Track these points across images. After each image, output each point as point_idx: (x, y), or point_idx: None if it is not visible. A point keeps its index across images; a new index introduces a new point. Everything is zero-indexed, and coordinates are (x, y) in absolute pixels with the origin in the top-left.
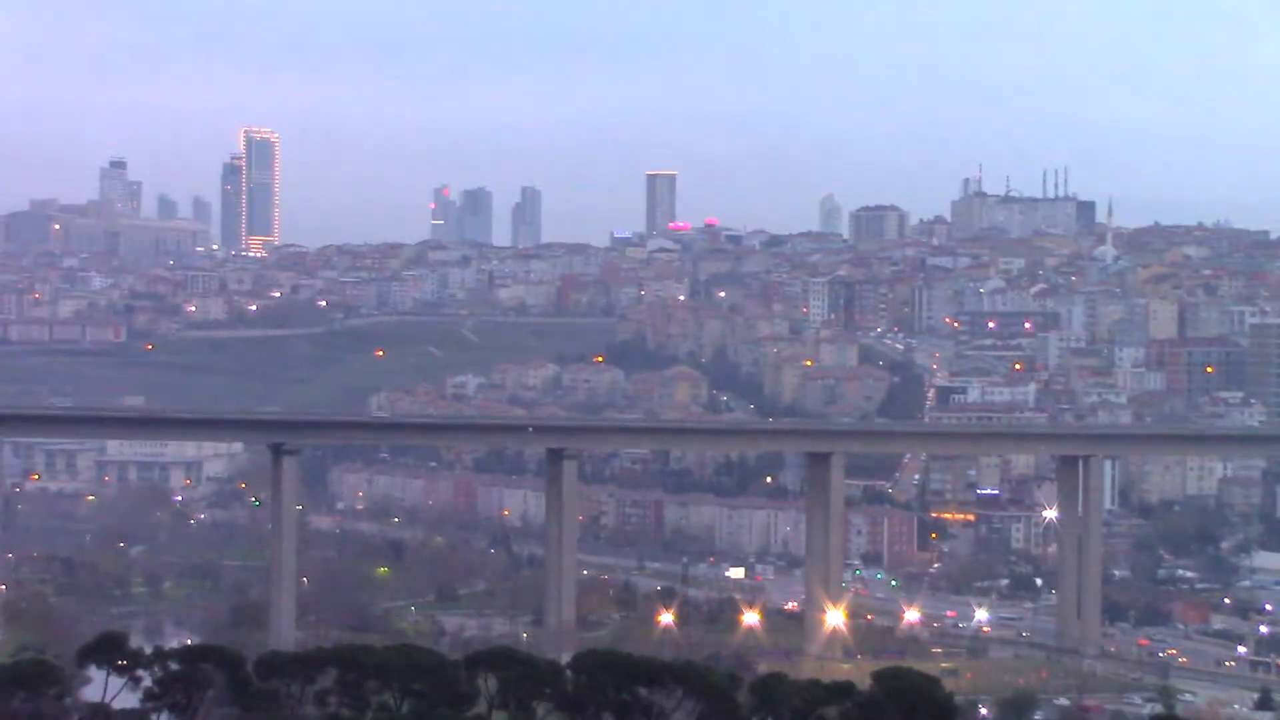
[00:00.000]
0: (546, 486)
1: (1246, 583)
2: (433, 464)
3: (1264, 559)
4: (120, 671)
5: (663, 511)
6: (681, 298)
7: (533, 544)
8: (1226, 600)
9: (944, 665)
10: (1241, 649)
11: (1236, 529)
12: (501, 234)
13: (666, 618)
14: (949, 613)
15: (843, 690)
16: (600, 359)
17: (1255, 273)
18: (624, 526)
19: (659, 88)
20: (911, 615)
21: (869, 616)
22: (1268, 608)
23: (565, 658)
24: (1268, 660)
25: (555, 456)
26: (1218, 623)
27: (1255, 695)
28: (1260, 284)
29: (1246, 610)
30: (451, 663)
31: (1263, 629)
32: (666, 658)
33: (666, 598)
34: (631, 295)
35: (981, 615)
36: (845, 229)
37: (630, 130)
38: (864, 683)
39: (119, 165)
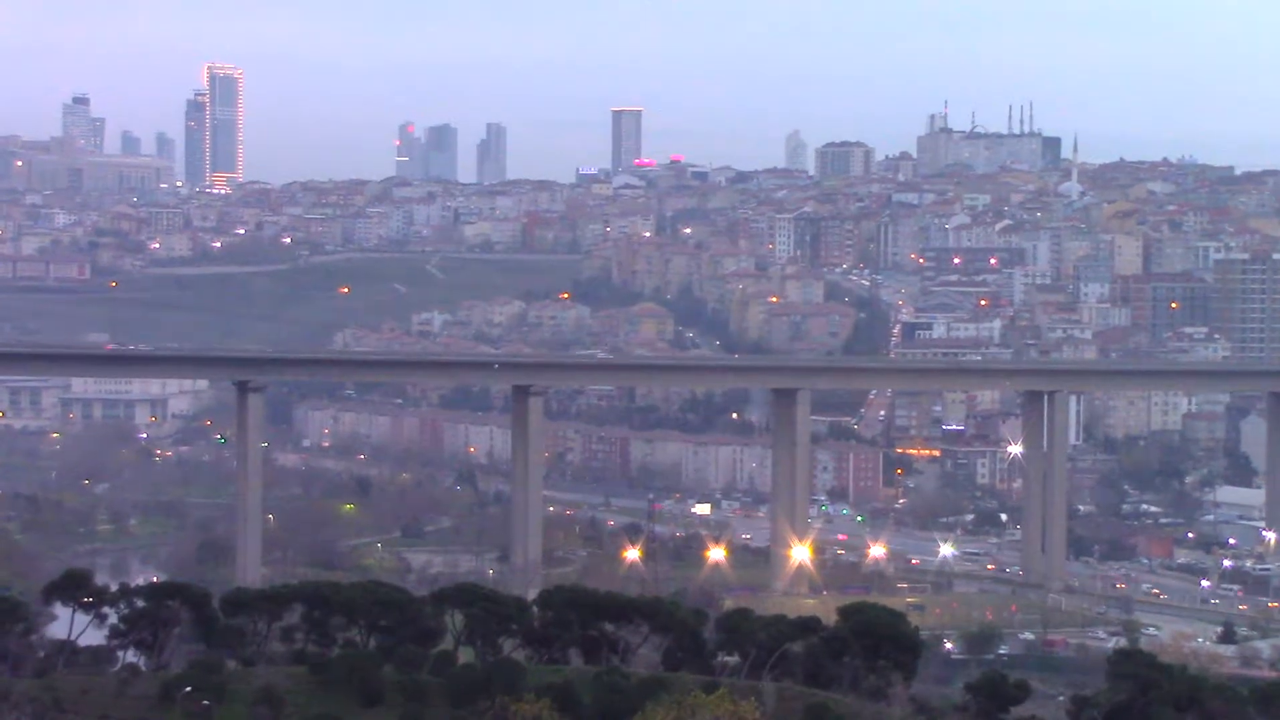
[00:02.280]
0: (512, 423)
1: (1210, 517)
2: (398, 401)
3: (1227, 493)
4: (86, 609)
5: (629, 448)
6: (647, 234)
7: (499, 481)
8: (1190, 535)
9: (910, 600)
10: (1205, 583)
11: (1200, 464)
12: (467, 170)
13: (633, 554)
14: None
15: (809, 625)
16: (566, 296)
17: (1219, 208)
18: (590, 463)
19: (625, 24)
20: (877, 550)
21: (840, 550)
22: (1231, 542)
23: (532, 594)
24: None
25: (521, 393)
26: (1182, 557)
27: (1219, 628)
28: (1224, 219)
29: (1210, 545)
30: (418, 599)
31: (1226, 563)
32: (633, 594)
33: (633, 534)
34: (597, 232)
35: (947, 550)
36: (811, 165)
37: (596, 66)
38: (830, 618)
39: (82, 101)
